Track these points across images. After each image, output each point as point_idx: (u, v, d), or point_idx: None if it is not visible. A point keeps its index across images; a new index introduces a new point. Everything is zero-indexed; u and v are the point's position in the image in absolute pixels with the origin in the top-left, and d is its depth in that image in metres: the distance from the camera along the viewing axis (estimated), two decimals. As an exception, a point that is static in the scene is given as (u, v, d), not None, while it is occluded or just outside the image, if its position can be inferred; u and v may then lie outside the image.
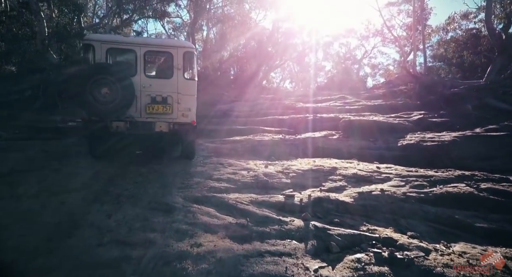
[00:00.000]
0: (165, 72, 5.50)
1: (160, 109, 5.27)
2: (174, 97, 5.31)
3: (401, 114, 9.53)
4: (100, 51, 5.09)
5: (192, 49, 5.58)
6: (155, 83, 5.31)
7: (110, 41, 5.23)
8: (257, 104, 13.30)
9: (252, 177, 4.89)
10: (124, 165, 5.30)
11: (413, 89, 12.30)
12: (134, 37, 5.76)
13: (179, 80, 5.32)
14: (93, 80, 4.82)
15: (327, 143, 7.04)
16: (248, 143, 7.30)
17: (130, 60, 5.38)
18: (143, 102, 5.23)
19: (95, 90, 4.84)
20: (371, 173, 4.99)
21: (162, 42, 5.54)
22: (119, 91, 4.91)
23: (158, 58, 5.89)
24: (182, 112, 5.35)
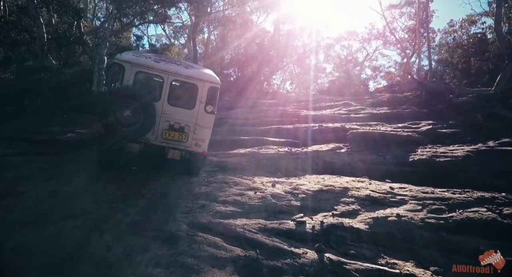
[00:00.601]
0: (188, 103, 5.59)
1: (176, 136, 5.41)
2: (191, 127, 5.46)
3: (408, 123, 9.29)
4: (130, 73, 5.23)
5: (217, 84, 5.66)
6: (176, 111, 5.44)
7: (141, 64, 5.33)
8: (260, 111, 13.06)
9: (260, 199, 4.65)
10: (126, 186, 5.05)
11: (419, 96, 12.07)
12: (164, 64, 5.52)
13: (200, 112, 5.46)
14: (118, 102, 4.98)
15: (334, 157, 6.80)
16: (253, 156, 7.06)
17: (156, 85, 5.52)
18: (161, 127, 5.37)
19: (118, 112, 4.97)
20: (385, 194, 4.75)
21: (190, 73, 5.58)
22: (141, 116, 5.04)
23: (184, 88, 5.82)
24: (196, 142, 5.49)
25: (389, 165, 6.35)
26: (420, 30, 30.98)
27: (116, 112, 4.97)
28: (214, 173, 6.34)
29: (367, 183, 5.31)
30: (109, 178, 5.43)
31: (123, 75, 5.25)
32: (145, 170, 5.89)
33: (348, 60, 35.42)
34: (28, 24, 12.44)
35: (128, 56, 5.58)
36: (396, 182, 5.59)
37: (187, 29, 26.61)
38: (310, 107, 13.96)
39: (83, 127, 8.89)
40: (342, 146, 7.43)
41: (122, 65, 5.29)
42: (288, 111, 12.62)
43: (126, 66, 5.25)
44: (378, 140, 7.42)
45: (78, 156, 6.63)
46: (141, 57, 5.69)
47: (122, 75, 5.27)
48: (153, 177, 5.61)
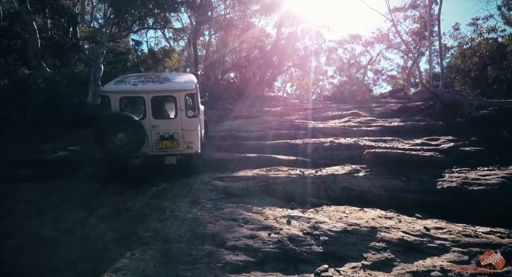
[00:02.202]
0: (170, 113, 6.50)
1: (168, 144, 6.25)
2: (179, 133, 6.28)
3: (426, 139, 8.65)
4: (115, 100, 6.10)
5: (192, 90, 6.41)
6: (163, 123, 6.30)
7: (122, 91, 6.22)
8: (265, 122, 12.41)
9: (275, 244, 3.99)
10: (120, 224, 4.40)
11: (433, 107, 11.44)
12: (142, 85, 6.35)
13: (183, 118, 6.27)
14: (109, 127, 5.77)
15: (352, 182, 6.15)
16: (262, 180, 6.41)
17: (140, 105, 6.32)
18: (153, 139, 6.23)
19: (113, 136, 5.76)
20: (421, 238, 4.09)
21: (166, 87, 6.36)
22: (132, 135, 5.78)
23: (164, 101, 6.69)
24: (187, 145, 6.32)
25: (415, 193, 5.70)
26: (425, 34, 30.46)
27: (111, 136, 5.73)
28: (220, 202, 5.69)
29: (396, 220, 4.65)
30: (102, 212, 4.79)
31: (109, 104, 6.08)
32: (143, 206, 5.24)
33: (351, 64, 34.85)
34: (21, 30, 11.77)
35: (110, 86, 6.42)
36: (426, 216, 4.95)
37: (187, 32, 26.01)
38: (318, 117, 13.33)
39: (76, 144, 8.25)
40: (359, 168, 6.78)
41: (107, 95, 6.17)
42: (295, 122, 11.98)
43: (110, 96, 6.12)
44: (398, 161, 6.77)
45: (69, 182, 5.97)
46: (121, 84, 6.50)
47: (109, 104, 6.09)
48: (152, 209, 4.96)
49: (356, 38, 32.04)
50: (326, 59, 37.20)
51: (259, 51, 25.36)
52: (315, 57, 34.83)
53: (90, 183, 5.98)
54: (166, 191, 6.02)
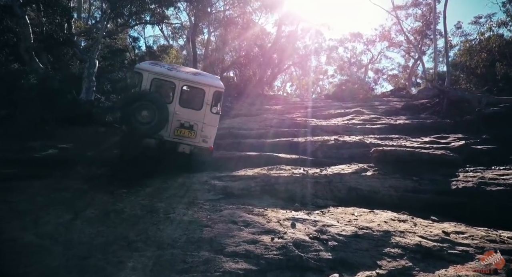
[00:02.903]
0: (196, 104, 6.55)
1: (186, 133, 6.41)
2: (199, 126, 6.45)
3: (435, 137, 8.27)
4: (147, 80, 6.22)
5: (221, 89, 6.63)
6: (186, 112, 6.45)
7: (156, 72, 6.38)
8: (265, 119, 12.03)
9: (279, 249, 3.60)
10: (108, 227, 4.00)
11: (440, 104, 11.06)
12: (176, 72, 6.61)
13: (206, 112, 6.44)
14: (138, 104, 5.94)
15: (360, 182, 5.77)
16: (263, 180, 6.02)
17: (169, 90, 6.52)
18: (173, 126, 6.38)
19: (137, 112, 5.93)
20: (440, 243, 3.71)
21: (198, 79, 6.60)
22: (156, 116, 5.98)
23: (193, 92, 6.79)
24: (203, 138, 6.46)
25: (427, 193, 5.32)
26: (427, 32, 30.11)
27: (135, 112, 5.91)
28: (219, 202, 5.30)
29: (411, 223, 4.26)
30: (89, 214, 4.39)
31: (141, 82, 6.20)
32: (135, 203, 4.84)
33: (352, 63, 34.49)
34: (13, 24, 11.35)
35: (145, 65, 6.61)
36: (442, 219, 4.56)
37: (186, 30, 25.61)
38: (319, 115, 12.94)
39: (67, 142, 7.84)
40: (366, 167, 6.39)
41: (140, 73, 6.28)
42: (297, 120, 11.59)
43: (144, 74, 6.23)
44: (407, 159, 6.38)
45: (56, 182, 5.56)
46: (156, 66, 6.68)
47: (140, 82, 6.21)
48: (144, 211, 4.56)
49: (357, 36, 31.69)
50: (326, 58, 36.84)
51: (259, 50, 24.99)
52: (315, 56, 34.47)
53: (79, 182, 5.57)
54: (161, 191, 5.63)
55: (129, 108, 5.94)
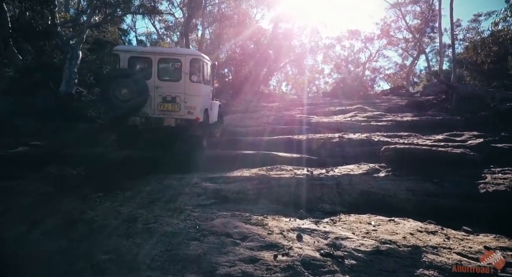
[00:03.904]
0: (175, 76, 6.55)
1: (170, 107, 6.28)
2: (181, 97, 6.29)
3: (448, 135, 7.59)
4: (124, 59, 6.28)
5: (198, 56, 6.61)
6: (166, 85, 6.38)
7: (131, 50, 6.64)
8: (262, 116, 11.29)
9: (284, 270, 2.85)
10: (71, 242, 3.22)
11: (448, 100, 10.41)
12: (151, 48, 7.12)
13: (186, 82, 6.30)
14: (115, 82, 5.95)
15: (372, 184, 5.05)
16: (262, 182, 5.27)
17: (147, 66, 6.51)
18: (156, 101, 6.29)
19: (117, 90, 5.90)
20: (489, 266, 2.98)
21: (173, 51, 7.21)
22: (135, 92, 5.93)
23: (170, 64, 6.88)
24: (188, 110, 6.29)
25: (451, 198, 4.61)
26: (426, 30, 29.64)
27: (115, 90, 5.90)
28: (210, 209, 4.54)
29: (442, 235, 3.53)
30: (50, 224, 3.60)
31: (118, 62, 6.23)
32: (110, 210, 4.06)
33: (349, 61, 33.92)
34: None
35: (121, 46, 7.11)
36: (476, 229, 3.85)
37: (180, 27, 24.78)
38: (320, 112, 12.24)
39: (42, 138, 7.02)
40: (378, 167, 5.67)
41: (117, 54, 6.33)
42: (296, 116, 10.87)
43: (120, 54, 6.27)
44: (423, 159, 5.68)
45: (20, 184, 4.75)
46: (132, 46, 7.07)
47: (118, 62, 6.25)
48: (120, 220, 3.78)
49: (355, 33, 31.06)
50: (323, 57, 36.22)
51: (255, 46, 24.28)
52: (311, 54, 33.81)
53: (46, 185, 4.77)
54: (143, 195, 4.85)
55: (108, 87, 5.93)
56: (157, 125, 6.34)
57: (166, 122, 6.30)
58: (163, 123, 6.31)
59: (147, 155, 6.56)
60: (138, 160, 6.36)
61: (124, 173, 5.77)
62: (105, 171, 5.74)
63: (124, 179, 5.48)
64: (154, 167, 6.11)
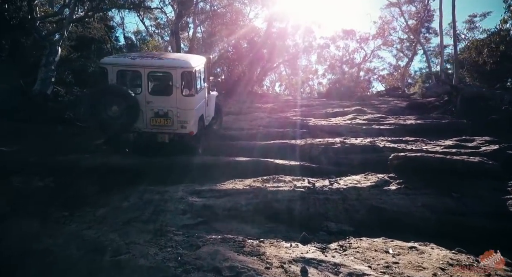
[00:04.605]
0: (166, 90, 6.24)
1: (162, 121, 6.03)
2: (174, 111, 6.01)
3: (457, 140, 7.03)
4: (112, 73, 5.94)
5: (189, 68, 6.14)
6: (158, 100, 6.08)
7: (120, 64, 6.12)
8: (256, 118, 10.63)
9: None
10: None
11: (454, 103, 9.89)
12: (140, 59, 6.21)
13: (178, 97, 5.99)
14: (104, 100, 5.73)
15: (384, 199, 4.43)
16: (257, 196, 4.60)
17: (136, 79, 6.25)
18: (148, 116, 6.02)
19: (107, 108, 5.69)
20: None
21: (163, 63, 6.23)
22: (126, 109, 5.71)
23: (160, 77, 6.66)
24: (181, 124, 6.05)
25: (476, 216, 4.02)
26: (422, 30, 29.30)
27: (105, 109, 5.67)
28: (197, 230, 3.86)
29: (481, 272, 2.89)
30: None
31: (107, 76, 5.94)
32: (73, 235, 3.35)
33: (343, 62, 33.47)
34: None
35: (109, 59, 6.45)
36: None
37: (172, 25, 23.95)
38: (317, 114, 11.62)
39: (8, 144, 6.25)
40: (387, 178, 5.05)
41: (105, 67, 6.01)
42: (292, 119, 10.23)
43: (108, 68, 5.97)
44: (437, 169, 5.08)
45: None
46: (120, 57, 6.63)
47: (106, 76, 5.94)
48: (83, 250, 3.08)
49: (350, 33, 30.59)
50: (317, 57, 35.67)
51: (248, 45, 23.62)
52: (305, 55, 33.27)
53: (2, 203, 4.03)
54: (118, 213, 4.15)
55: (98, 105, 5.68)
56: (150, 141, 6.15)
57: (160, 138, 6.10)
58: (157, 140, 6.11)
59: (128, 163, 5.85)
60: (117, 168, 5.65)
61: (100, 184, 5.05)
62: (78, 183, 5.01)
63: (99, 193, 4.76)
64: (135, 177, 5.41)
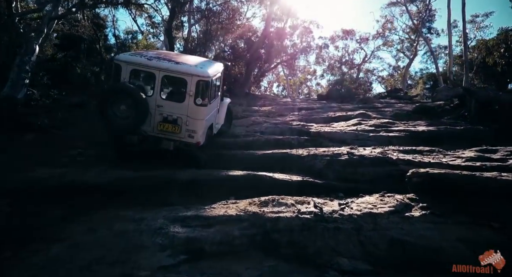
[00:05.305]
0: (179, 96, 6.02)
1: (170, 128, 5.87)
2: (183, 119, 5.84)
3: (478, 151, 6.27)
4: (126, 71, 5.81)
5: (206, 78, 5.90)
6: (169, 105, 5.92)
7: (134, 63, 5.91)
8: (253, 124, 9.83)
9: None
10: None
11: (468, 107, 9.16)
12: (156, 61, 5.83)
13: (190, 105, 5.79)
14: (113, 98, 5.62)
15: (407, 230, 3.65)
16: (254, 224, 3.80)
17: (150, 81, 6.12)
18: (156, 120, 5.87)
19: (115, 107, 5.56)
20: None
21: (179, 68, 5.91)
22: (135, 110, 5.54)
23: (174, 82, 6.43)
24: (188, 133, 5.86)
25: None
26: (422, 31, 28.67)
27: (113, 107, 5.54)
28: (177, 273, 3.06)
29: None
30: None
31: (119, 73, 5.81)
32: None
33: (343, 62, 32.77)
34: None
35: (124, 56, 6.23)
36: None
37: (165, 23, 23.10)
38: (318, 119, 10.84)
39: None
40: (407, 201, 4.26)
41: (119, 64, 5.88)
42: (292, 124, 9.44)
43: (122, 66, 5.83)
44: (466, 189, 4.31)
45: None
46: (136, 56, 6.25)
47: (119, 74, 5.82)
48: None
49: (350, 33, 29.88)
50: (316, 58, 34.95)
51: (245, 45, 22.86)
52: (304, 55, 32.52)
53: None
54: (78, 250, 3.32)
55: (107, 103, 5.51)
56: (154, 145, 5.94)
57: (164, 144, 5.89)
58: (161, 145, 5.90)
59: (102, 180, 5.04)
60: (90, 187, 4.84)
61: (64, 209, 4.24)
62: (39, 207, 4.19)
63: (61, 220, 3.94)
64: (109, 198, 4.60)
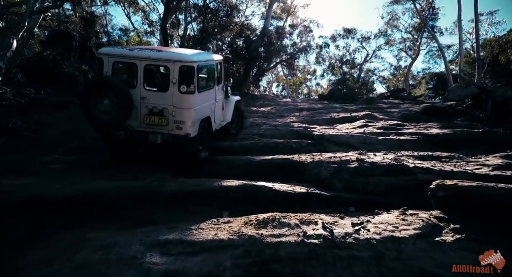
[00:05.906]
0: (162, 85, 5.70)
1: (156, 120, 5.51)
2: (169, 110, 5.45)
3: (505, 156, 5.59)
4: (107, 64, 5.54)
5: (189, 63, 5.56)
6: (153, 95, 5.58)
7: (115, 54, 5.67)
8: (251, 125, 9.14)
9: None
10: None
11: (484, 108, 8.48)
12: (137, 51, 5.62)
13: (175, 93, 5.42)
14: (95, 92, 5.35)
15: (438, 260, 2.96)
16: (249, 252, 3.10)
17: (132, 73, 5.75)
18: (142, 113, 5.53)
19: (98, 102, 5.35)
20: None
21: (161, 56, 5.57)
22: (118, 103, 5.29)
23: (157, 71, 6.34)
24: (176, 125, 5.48)
25: None
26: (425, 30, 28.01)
27: (96, 102, 5.33)
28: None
29: None
30: None
31: (102, 67, 5.56)
32: None
33: (344, 62, 32.12)
34: None
35: (106, 49, 6.07)
36: None
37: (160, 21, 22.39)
38: (321, 120, 10.14)
39: None
40: (435, 220, 3.56)
41: (101, 58, 5.62)
42: (293, 126, 8.74)
43: (104, 58, 5.57)
44: (502, 205, 3.62)
45: None
46: (118, 48, 6.37)
47: (101, 67, 5.57)
48: None
49: (351, 32, 29.23)
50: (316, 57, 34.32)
51: (244, 43, 22.22)
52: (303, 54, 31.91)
53: None
54: None
55: (88, 98, 5.29)
56: (141, 140, 5.57)
57: (151, 138, 5.48)
58: (148, 139, 5.50)
59: (74, 193, 4.34)
60: (57, 202, 4.14)
61: (23, 230, 3.53)
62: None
63: (14, 247, 3.23)
64: (77, 214, 3.90)
